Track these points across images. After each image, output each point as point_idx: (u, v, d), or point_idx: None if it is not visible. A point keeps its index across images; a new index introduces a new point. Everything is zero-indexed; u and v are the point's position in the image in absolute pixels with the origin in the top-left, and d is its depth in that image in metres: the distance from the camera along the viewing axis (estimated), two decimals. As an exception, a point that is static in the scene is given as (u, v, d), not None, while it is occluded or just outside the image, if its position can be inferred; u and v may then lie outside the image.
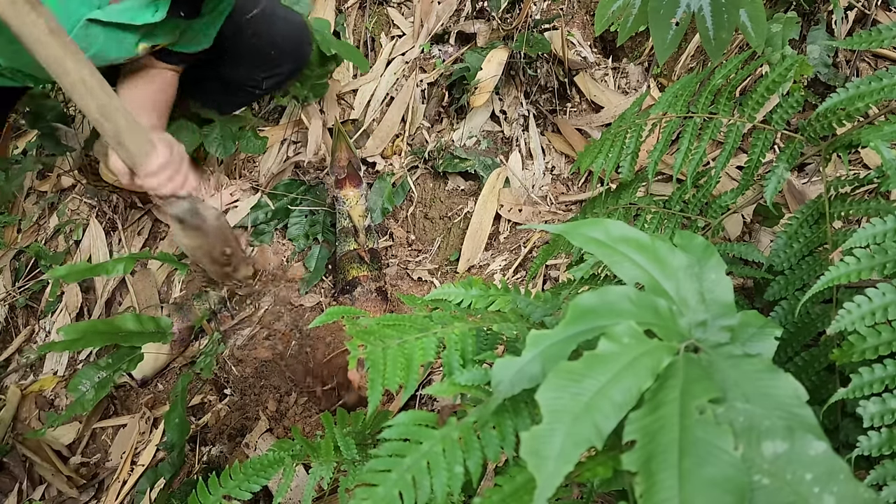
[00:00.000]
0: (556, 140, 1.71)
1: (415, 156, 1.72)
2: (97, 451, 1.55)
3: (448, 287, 0.72)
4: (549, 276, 1.51)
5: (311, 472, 0.83)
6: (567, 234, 0.53)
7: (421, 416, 0.53)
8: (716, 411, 0.37)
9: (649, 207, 1.01)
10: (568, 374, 0.40)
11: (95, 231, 1.81)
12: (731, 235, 1.38)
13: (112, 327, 1.28)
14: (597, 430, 0.38)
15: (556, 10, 1.76)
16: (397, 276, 1.61)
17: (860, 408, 0.57)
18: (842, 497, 0.34)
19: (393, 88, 1.79)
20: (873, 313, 0.57)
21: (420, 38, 1.81)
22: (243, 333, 1.58)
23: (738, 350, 0.44)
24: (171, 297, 1.69)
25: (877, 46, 0.76)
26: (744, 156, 1.52)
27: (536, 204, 1.63)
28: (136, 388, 1.58)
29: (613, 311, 0.45)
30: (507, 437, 0.51)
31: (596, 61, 1.76)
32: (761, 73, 1.52)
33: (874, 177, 0.79)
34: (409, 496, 0.48)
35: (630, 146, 1.02)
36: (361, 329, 0.61)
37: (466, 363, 0.59)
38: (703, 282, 0.50)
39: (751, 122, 0.91)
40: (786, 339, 0.78)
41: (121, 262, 1.26)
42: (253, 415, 1.42)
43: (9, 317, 1.82)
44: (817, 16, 1.51)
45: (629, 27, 0.95)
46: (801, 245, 0.82)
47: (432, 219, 1.68)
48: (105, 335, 1.26)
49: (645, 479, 0.35)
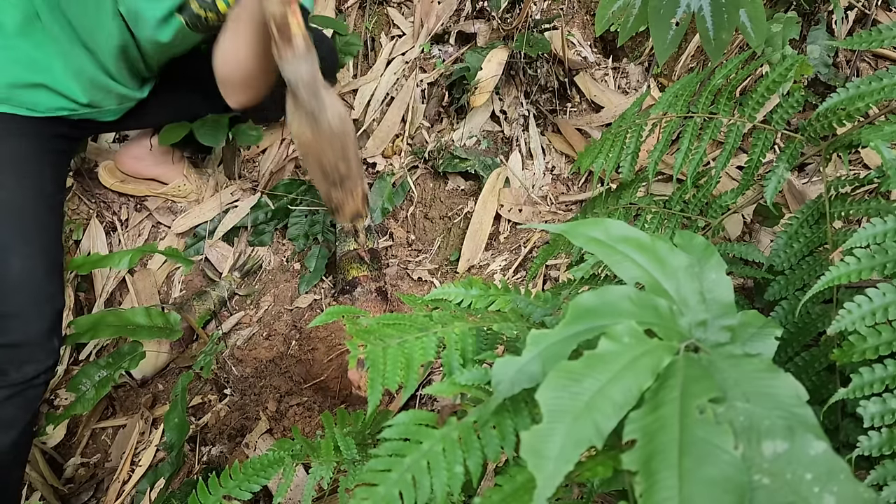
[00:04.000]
0: (557, 140, 1.71)
1: (415, 156, 1.72)
2: (97, 451, 1.55)
3: (448, 287, 0.72)
4: (549, 276, 1.51)
5: (311, 471, 0.83)
6: (567, 233, 0.53)
7: (421, 416, 0.53)
8: (716, 411, 0.37)
9: (649, 207, 1.01)
10: (568, 374, 0.40)
11: (95, 231, 1.81)
12: (732, 235, 1.38)
13: (122, 319, 1.28)
14: (597, 429, 0.38)
15: (556, 10, 1.76)
16: (397, 276, 1.61)
17: (860, 408, 0.57)
18: (842, 497, 0.34)
19: (393, 88, 1.79)
20: (873, 313, 0.57)
21: (420, 38, 1.81)
22: (243, 333, 1.58)
23: (739, 350, 0.44)
24: (171, 296, 1.69)
25: (877, 46, 0.76)
26: (744, 156, 1.52)
27: (536, 204, 1.63)
28: (135, 387, 1.58)
29: (614, 311, 0.45)
30: (507, 437, 0.51)
31: (596, 61, 1.76)
32: (761, 72, 1.52)
33: (874, 177, 0.79)
34: (409, 496, 0.48)
35: (630, 146, 1.02)
36: (361, 329, 0.61)
37: (466, 363, 0.59)
38: (704, 281, 0.50)
39: (751, 122, 0.91)
40: (786, 339, 0.78)
41: (128, 253, 1.26)
42: (253, 415, 1.42)
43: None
44: (817, 16, 1.51)
45: (629, 27, 0.95)
46: (802, 245, 0.82)
47: (432, 219, 1.68)
48: (115, 327, 1.27)
49: (645, 478, 0.35)
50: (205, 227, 1.71)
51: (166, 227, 1.79)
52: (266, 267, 1.70)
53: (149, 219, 1.82)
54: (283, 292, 1.65)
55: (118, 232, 1.81)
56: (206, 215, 1.72)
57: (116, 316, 1.27)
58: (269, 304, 1.63)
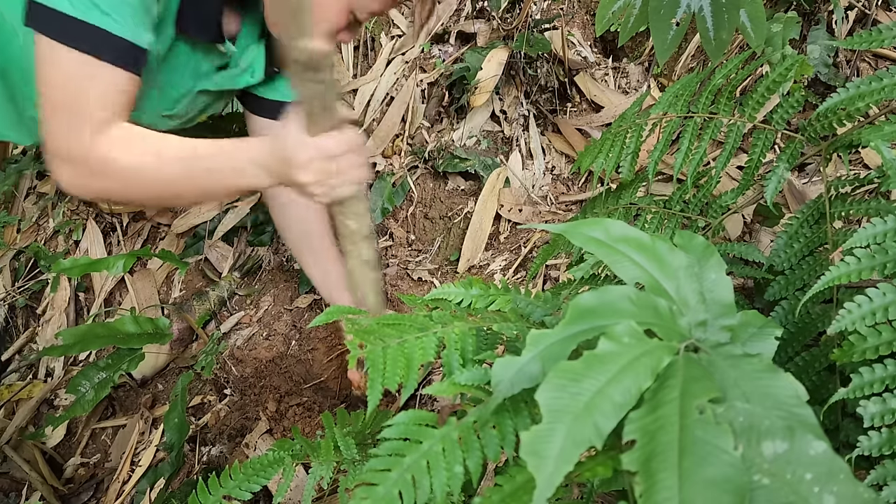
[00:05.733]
0: (557, 140, 1.71)
1: (415, 156, 1.72)
2: (97, 451, 1.55)
3: (448, 287, 0.72)
4: (549, 276, 1.51)
5: (311, 471, 0.83)
6: (567, 233, 0.53)
7: (421, 416, 0.53)
8: (716, 411, 0.37)
9: (649, 207, 1.01)
10: (568, 374, 0.40)
11: (93, 233, 1.81)
12: (732, 235, 1.38)
13: (110, 330, 1.28)
14: (597, 429, 0.38)
15: (557, 10, 1.76)
16: (397, 276, 1.61)
17: (860, 408, 0.57)
18: (842, 497, 0.34)
19: (393, 88, 1.79)
20: (874, 313, 0.57)
21: (420, 38, 1.81)
22: (243, 333, 1.58)
23: (738, 350, 0.44)
24: (171, 297, 1.69)
25: (877, 46, 0.76)
26: (744, 156, 1.52)
27: (536, 204, 1.63)
28: (135, 388, 1.58)
29: (613, 311, 0.45)
30: (507, 437, 0.51)
31: (596, 61, 1.76)
32: (761, 72, 1.52)
33: (874, 177, 0.79)
34: (408, 496, 0.48)
35: (630, 146, 1.01)
36: (361, 329, 0.61)
37: (466, 363, 0.59)
38: (704, 281, 0.50)
39: (751, 121, 0.91)
40: (786, 339, 0.78)
41: (122, 258, 1.25)
42: (253, 415, 1.42)
43: (9, 317, 1.82)
44: (817, 16, 1.51)
45: (630, 27, 0.95)
46: (802, 245, 0.82)
47: (432, 219, 1.68)
48: (103, 338, 1.26)
49: (645, 478, 0.35)
50: (204, 227, 1.71)
51: (166, 228, 1.80)
52: (266, 267, 1.70)
53: (148, 220, 1.82)
54: (282, 292, 1.64)
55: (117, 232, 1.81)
56: (205, 215, 1.72)
57: (105, 327, 1.27)
58: (269, 304, 1.63)
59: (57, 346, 1.23)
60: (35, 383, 1.68)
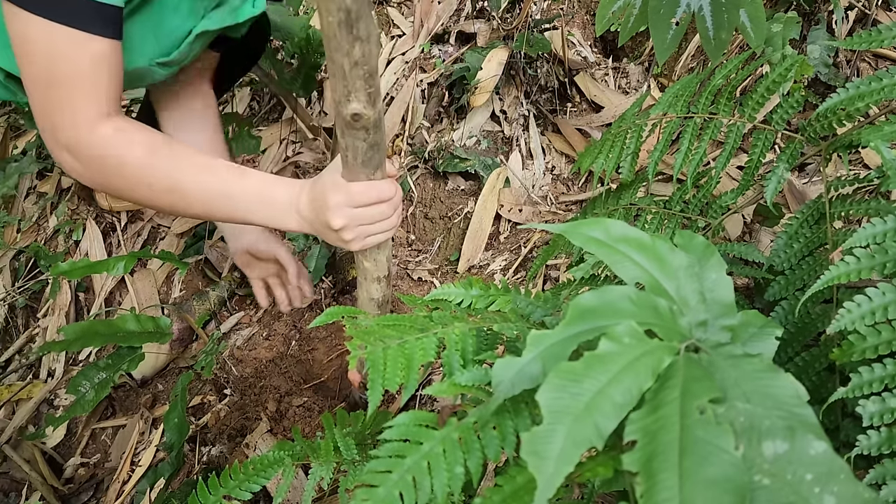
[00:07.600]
0: (557, 140, 1.71)
1: (415, 156, 1.72)
2: (97, 451, 1.54)
3: (448, 287, 0.72)
4: (549, 276, 1.51)
5: (311, 472, 0.83)
6: (567, 233, 0.53)
7: (421, 417, 0.53)
8: (716, 411, 0.37)
9: (650, 207, 1.01)
10: (568, 375, 0.40)
11: (93, 232, 1.81)
12: (732, 235, 1.38)
13: (112, 328, 1.28)
14: (597, 430, 0.38)
15: (557, 10, 1.76)
16: (397, 276, 1.61)
17: (860, 407, 0.57)
18: (842, 497, 0.34)
19: (393, 88, 1.79)
20: (873, 313, 0.57)
21: (420, 38, 1.81)
22: (243, 333, 1.58)
23: (739, 350, 0.44)
24: (171, 297, 1.69)
25: (877, 46, 0.76)
26: (744, 156, 1.52)
27: (536, 204, 1.63)
28: (135, 388, 1.58)
29: (614, 311, 0.45)
30: (507, 438, 0.51)
31: (596, 61, 1.76)
32: (761, 73, 1.52)
33: (874, 177, 0.79)
34: (409, 496, 0.48)
35: (630, 146, 1.02)
36: (361, 329, 0.61)
37: (466, 363, 0.59)
38: (704, 281, 0.50)
39: (751, 122, 0.91)
40: (786, 339, 0.78)
41: (121, 259, 1.25)
42: (253, 415, 1.42)
43: (9, 317, 1.82)
44: (817, 16, 1.51)
45: (630, 27, 0.95)
46: (802, 245, 0.82)
47: (432, 219, 1.68)
48: (104, 336, 1.26)
49: (645, 479, 0.35)
50: (204, 227, 1.71)
51: (166, 228, 1.79)
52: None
53: (148, 220, 1.82)
54: (282, 292, 1.64)
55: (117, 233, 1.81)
56: (205, 215, 1.72)
57: (106, 324, 1.27)
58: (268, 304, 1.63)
59: (58, 342, 1.23)
60: (35, 383, 1.68)
